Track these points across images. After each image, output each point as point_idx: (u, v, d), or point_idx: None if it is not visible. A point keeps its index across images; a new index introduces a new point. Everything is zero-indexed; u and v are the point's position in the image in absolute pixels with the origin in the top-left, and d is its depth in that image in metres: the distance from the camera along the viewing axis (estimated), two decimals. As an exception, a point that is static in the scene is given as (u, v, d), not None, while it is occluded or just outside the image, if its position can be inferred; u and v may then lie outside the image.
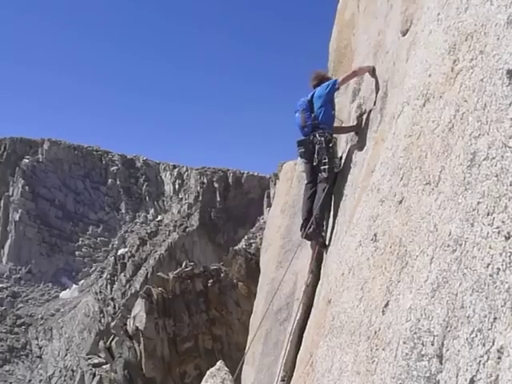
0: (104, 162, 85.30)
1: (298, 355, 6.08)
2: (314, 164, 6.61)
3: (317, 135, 6.54)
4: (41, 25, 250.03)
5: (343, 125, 7.23)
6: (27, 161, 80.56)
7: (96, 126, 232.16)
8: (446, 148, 2.21)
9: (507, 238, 1.61)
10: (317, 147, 6.51)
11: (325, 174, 6.50)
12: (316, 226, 6.57)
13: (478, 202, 1.81)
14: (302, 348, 6.01)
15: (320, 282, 6.31)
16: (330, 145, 6.55)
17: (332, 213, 6.60)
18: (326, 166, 6.45)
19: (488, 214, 1.74)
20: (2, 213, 77.33)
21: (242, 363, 6.83)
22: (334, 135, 6.99)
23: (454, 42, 2.44)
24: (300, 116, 6.79)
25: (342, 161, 6.71)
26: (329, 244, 6.41)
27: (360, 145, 6.15)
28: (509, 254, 1.59)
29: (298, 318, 6.58)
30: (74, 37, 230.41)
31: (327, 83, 6.73)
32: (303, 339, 6.07)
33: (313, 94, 6.80)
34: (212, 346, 32.36)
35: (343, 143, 7.09)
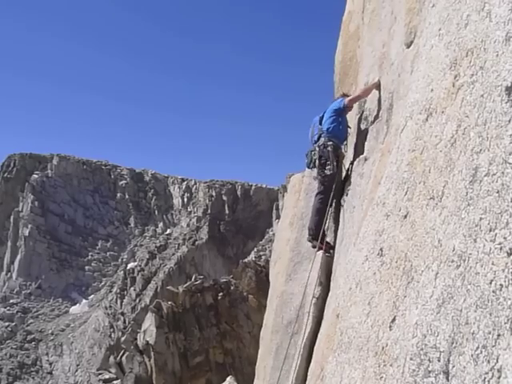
0: (113, 177, 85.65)
1: (309, 368, 6.05)
2: (316, 168, 7.00)
3: (319, 142, 7.00)
4: (50, 39, 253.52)
5: (348, 136, 7.33)
6: (36, 176, 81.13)
7: (104, 140, 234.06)
8: (449, 163, 2.23)
9: (509, 255, 1.61)
10: (317, 151, 6.94)
11: (321, 176, 6.90)
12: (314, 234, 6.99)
13: (481, 218, 1.82)
14: (312, 361, 5.98)
15: (330, 294, 6.30)
16: (329, 148, 6.87)
17: (340, 224, 6.63)
18: (325, 168, 6.84)
19: (490, 230, 1.75)
20: (11, 228, 77.75)
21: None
22: (345, 146, 7.25)
23: (454, 58, 2.46)
24: (311, 130, 7.31)
25: (350, 172, 6.77)
26: (334, 252, 6.53)
27: (367, 156, 6.19)
28: (511, 270, 1.59)
29: (308, 330, 6.57)
30: (82, 51, 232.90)
31: (339, 100, 7.12)
32: (314, 352, 6.04)
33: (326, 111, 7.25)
34: (223, 359, 32.12)
35: (350, 154, 7.13)
